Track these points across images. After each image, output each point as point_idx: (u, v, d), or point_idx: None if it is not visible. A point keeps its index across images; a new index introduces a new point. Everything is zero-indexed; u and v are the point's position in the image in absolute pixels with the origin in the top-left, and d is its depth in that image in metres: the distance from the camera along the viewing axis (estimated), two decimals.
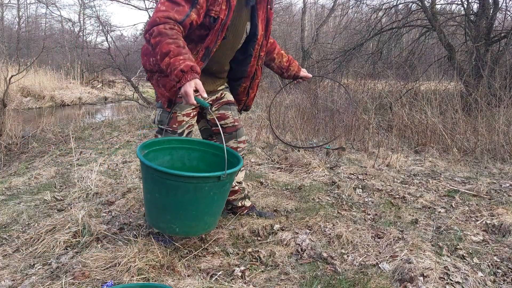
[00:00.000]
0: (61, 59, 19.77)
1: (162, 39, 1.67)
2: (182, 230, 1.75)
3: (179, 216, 1.72)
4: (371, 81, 7.66)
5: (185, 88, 1.63)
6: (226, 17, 1.80)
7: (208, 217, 1.77)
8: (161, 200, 1.71)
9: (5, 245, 2.06)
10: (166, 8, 1.70)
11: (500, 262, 1.87)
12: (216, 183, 1.68)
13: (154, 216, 1.79)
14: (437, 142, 4.58)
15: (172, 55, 1.64)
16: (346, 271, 1.79)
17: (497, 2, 7.11)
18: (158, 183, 1.69)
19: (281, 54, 2.29)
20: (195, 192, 1.66)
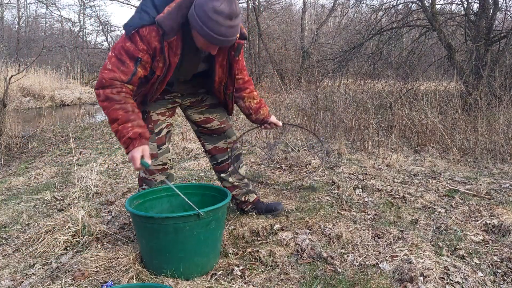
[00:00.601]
0: (61, 59, 19.77)
1: (109, 105, 1.66)
2: (173, 273, 1.68)
3: (166, 259, 1.68)
4: (371, 81, 7.67)
5: (132, 154, 1.64)
6: (163, 74, 1.76)
7: (198, 258, 1.70)
8: (147, 244, 1.70)
9: (5, 245, 2.06)
10: (112, 67, 1.68)
11: (500, 262, 1.87)
12: (198, 222, 1.63)
13: (147, 260, 1.75)
14: (437, 142, 4.58)
15: (120, 122, 1.65)
16: (346, 271, 1.79)
17: (497, 2, 7.12)
18: (141, 228, 1.69)
19: (253, 96, 2.15)
20: (176, 233, 1.62)
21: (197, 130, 2.25)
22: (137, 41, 1.66)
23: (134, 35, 1.65)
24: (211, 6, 1.53)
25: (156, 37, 1.65)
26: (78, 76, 16.96)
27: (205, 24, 1.56)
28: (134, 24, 1.65)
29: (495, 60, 7.02)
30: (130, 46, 1.66)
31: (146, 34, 1.65)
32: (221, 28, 1.57)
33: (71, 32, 25.13)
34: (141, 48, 1.66)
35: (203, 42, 1.67)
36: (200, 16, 1.57)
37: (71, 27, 25.57)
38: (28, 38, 22.59)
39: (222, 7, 1.53)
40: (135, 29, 1.65)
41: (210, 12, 1.54)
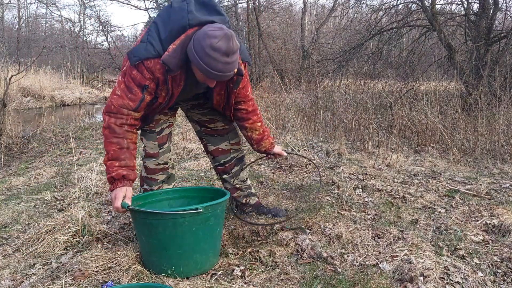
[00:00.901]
0: (61, 59, 19.78)
1: (108, 135, 1.72)
2: (172, 270, 1.68)
3: (165, 255, 1.68)
4: (371, 81, 7.68)
5: (114, 193, 1.67)
6: (165, 102, 1.82)
7: (197, 256, 1.70)
8: (146, 241, 1.70)
9: (5, 245, 2.06)
10: (121, 93, 1.72)
11: (500, 262, 1.87)
12: (196, 218, 1.63)
13: (146, 258, 1.76)
14: (437, 142, 4.58)
15: (110, 157, 1.71)
16: (346, 271, 1.79)
17: (497, 2, 7.12)
18: (141, 224, 1.70)
19: (255, 127, 2.12)
20: (175, 228, 1.63)
21: (199, 131, 2.24)
22: (143, 71, 1.69)
23: (140, 66, 1.68)
24: (208, 42, 1.55)
25: (160, 70, 1.68)
26: (78, 76, 16.97)
27: (202, 59, 1.58)
28: (139, 55, 1.67)
29: (495, 60, 7.02)
30: (136, 74, 1.70)
31: (151, 66, 1.67)
32: (218, 64, 1.58)
33: (71, 32, 25.14)
34: (148, 77, 1.69)
35: (201, 76, 1.70)
36: (198, 51, 1.59)
37: (71, 27, 25.60)
38: (28, 38, 22.60)
39: (219, 44, 1.55)
40: (140, 60, 1.67)
41: (208, 48, 1.56)
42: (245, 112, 2.07)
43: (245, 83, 1.98)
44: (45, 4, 20.94)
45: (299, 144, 4.01)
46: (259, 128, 2.12)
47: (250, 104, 2.07)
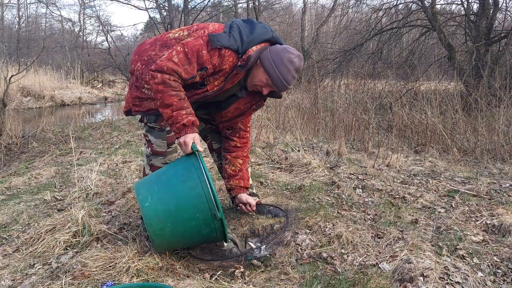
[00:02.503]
0: (61, 59, 19.78)
1: (165, 89, 1.72)
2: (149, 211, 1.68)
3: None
4: (371, 81, 7.68)
5: (185, 139, 1.73)
6: (212, 92, 1.87)
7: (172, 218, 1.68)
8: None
9: (5, 245, 2.06)
10: (178, 61, 1.74)
11: (500, 262, 1.87)
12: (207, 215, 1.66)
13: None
14: (437, 142, 4.58)
15: (174, 108, 1.72)
16: (346, 271, 1.79)
17: (497, 2, 7.12)
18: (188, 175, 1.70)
19: (234, 163, 2.16)
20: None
21: (204, 128, 2.25)
22: (215, 55, 1.76)
23: (216, 50, 1.76)
24: (287, 55, 1.82)
25: (231, 62, 1.79)
26: (78, 76, 16.97)
27: (278, 67, 1.81)
28: (222, 42, 1.77)
29: (495, 60, 7.02)
30: (205, 54, 1.76)
31: (227, 55, 1.77)
32: (288, 75, 1.83)
33: (71, 32, 25.13)
34: (213, 63, 1.77)
35: (263, 81, 1.86)
36: (275, 59, 1.82)
37: (71, 27, 25.59)
38: (28, 38, 22.59)
39: (295, 59, 1.84)
40: (220, 46, 1.76)
41: (285, 59, 1.81)
42: (233, 145, 2.14)
43: (249, 115, 2.14)
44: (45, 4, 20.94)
45: (299, 144, 4.01)
46: (237, 165, 2.15)
47: (242, 141, 2.15)
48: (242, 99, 2.02)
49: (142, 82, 1.89)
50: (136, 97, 1.93)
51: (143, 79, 1.88)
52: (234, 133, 2.14)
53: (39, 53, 10.02)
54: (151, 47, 1.94)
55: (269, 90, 1.91)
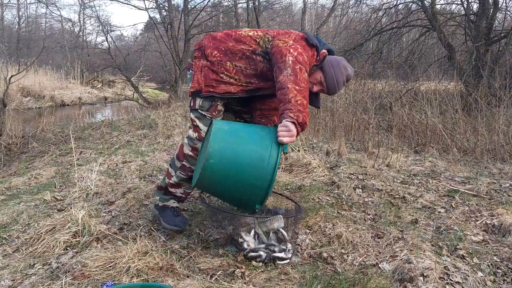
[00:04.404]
0: (61, 59, 19.77)
1: (305, 79, 1.83)
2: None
3: None
4: (371, 81, 7.67)
5: (294, 131, 1.72)
6: None
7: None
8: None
9: (5, 245, 2.06)
10: (301, 51, 1.88)
11: (500, 262, 1.87)
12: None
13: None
14: (437, 142, 4.58)
15: (306, 104, 1.80)
16: (346, 271, 1.79)
17: (497, 2, 7.12)
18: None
19: None
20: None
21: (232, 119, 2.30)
22: (309, 52, 1.94)
23: (314, 49, 1.96)
24: (343, 63, 2.07)
25: (312, 58, 1.97)
26: (78, 76, 16.97)
27: (334, 69, 2.02)
28: (315, 42, 1.97)
29: (495, 60, 7.02)
30: (309, 51, 1.94)
31: (312, 55, 1.96)
32: (341, 78, 2.04)
33: (71, 32, 25.14)
34: (311, 61, 1.97)
35: (317, 79, 2.04)
36: (333, 63, 2.03)
37: (71, 27, 25.59)
38: (28, 38, 22.59)
39: (348, 69, 2.08)
40: (313, 45, 1.96)
41: (342, 65, 2.05)
42: None
43: None
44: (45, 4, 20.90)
45: (299, 144, 4.01)
46: None
47: None
48: None
49: (221, 68, 1.98)
50: (213, 79, 2.00)
51: (222, 66, 1.98)
52: (267, 123, 2.21)
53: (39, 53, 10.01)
54: (227, 40, 2.03)
55: (319, 89, 2.06)
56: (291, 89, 1.76)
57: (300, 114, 1.73)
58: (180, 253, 1.91)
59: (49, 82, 13.42)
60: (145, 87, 17.17)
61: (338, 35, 11.87)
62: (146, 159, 3.87)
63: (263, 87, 2.01)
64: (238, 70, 1.98)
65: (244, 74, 1.99)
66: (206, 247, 1.98)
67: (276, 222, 1.91)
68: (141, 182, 3.12)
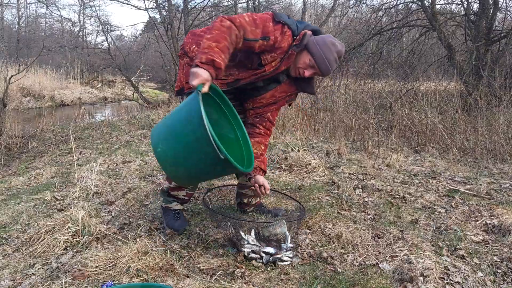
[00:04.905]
0: (61, 59, 19.75)
1: (226, 33, 1.73)
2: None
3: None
4: (371, 81, 7.67)
5: (200, 72, 1.65)
6: (269, 72, 1.93)
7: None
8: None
9: (5, 245, 2.06)
10: (249, 21, 1.81)
11: (500, 262, 1.87)
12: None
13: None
14: (437, 142, 4.58)
15: (221, 47, 1.70)
16: (346, 271, 1.79)
17: (497, 2, 7.11)
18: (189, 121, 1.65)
19: (256, 147, 2.13)
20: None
21: None
22: (278, 29, 1.86)
23: (279, 25, 1.87)
24: (330, 39, 1.95)
25: (288, 42, 1.88)
26: (78, 76, 16.96)
27: (321, 47, 1.91)
28: (285, 20, 1.88)
29: (495, 60, 7.02)
30: (271, 25, 1.85)
31: (287, 33, 1.88)
32: (330, 56, 1.92)
33: (71, 32, 25.11)
34: (276, 36, 1.86)
35: (307, 63, 1.93)
36: (319, 41, 1.92)
37: (71, 27, 25.57)
38: (28, 38, 22.58)
39: (337, 44, 1.95)
40: (284, 23, 1.87)
41: (329, 42, 1.93)
42: (258, 132, 2.15)
43: (279, 108, 2.19)
44: (45, 4, 20.89)
45: (299, 144, 4.01)
46: (260, 149, 2.14)
47: (266, 132, 2.17)
48: (280, 87, 2.05)
49: None
50: None
51: None
52: (261, 122, 2.15)
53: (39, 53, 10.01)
54: (205, 33, 1.95)
55: (312, 72, 1.95)
56: (203, 41, 1.72)
57: (203, 56, 1.66)
58: (180, 253, 1.91)
59: (49, 82, 13.42)
60: (145, 87, 17.16)
61: (338, 35, 11.86)
62: (146, 159, 3.86)
63: (242, 77, 1.97)
64: None
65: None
66: (206, 247, 1.98)
67: (279, 227, 1.91)
68: (141, 182, 3.11)
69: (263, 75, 1.94)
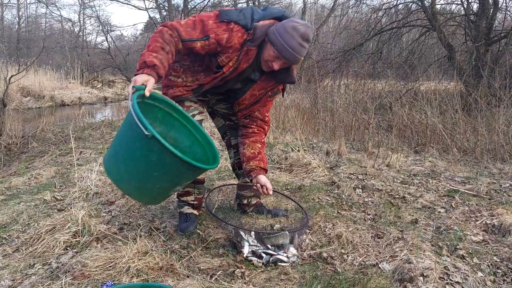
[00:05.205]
0: (61, 59, 19.75)
1: (157, 36, 1.76)
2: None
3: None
4: (371, 81, 7.68)
5: (137, 78, 1.66)
6: (229, 73, 1.88)
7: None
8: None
9: (5, 245, 2.06)
10: (184, 24, 1.80)
11: (500, 262, 1.87)
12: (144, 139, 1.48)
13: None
14: (437, 142, 4.58)
15: (150, 49, 1.73)
16: (346, 271, 1.79)
17: (497, 2, 7.12)
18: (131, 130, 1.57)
19: (253, 146, 2.10)
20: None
21: (223, 125, 2.26)
22: (222, 28, 1.79)
23: (224, 23, 1.80)
24: (291, 24, 1.79)
25: (240, 38, 1.81)
26: (78, 76, 16.94)
27: (281, 36, 1.78)
28: (231, 16, 1.81)
29: (495, 60, 7.02)
30: (211, 24, 1.80)
31: (235, 30, 1.80)
32: (293, 42, 1.77)
33: (71, 32, 25.11)
34: (218, 34, 1.79)
35: (272, 55, 1.81)
36: (279, 29, 1.79)
37: (71, 27, 25.56)
38: (28, 38, 22.57)
39: (299, 27, 1.78)
40: (228, 20, 1.80)
41: (289, 28, 1.78)
42: (251, 131, 2.11)
43: (271, 104, 2.12)
44: (45, 4, 20.89)
45: (299, 144, 4.01)
46: (257, 148, 2.11)
47: (260, 129, 2.13)
48: (256, 85, 2.00)
49: (169, 70, 1.98)
50: (165, 85, 2.01)
51: (170, 68, 1.97)
52: (252, 122, 2.12)
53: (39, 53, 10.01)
54: None
55: (280, 63, 1.83)
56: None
57: (137, 65, 1.71)
58: (180, 253, 1.91)
59: (49, 82, 13.40)
60: None
61: (338, 35, 11.87)
62: None
63: (205, 81, 1.94)
64: (186, 68, 1.95)
65: (192, 71, 1.94)
66: (206, 247, 1.98)
67: (281, 239, 1.91)
68: None
69: (224, 77, 1.90)
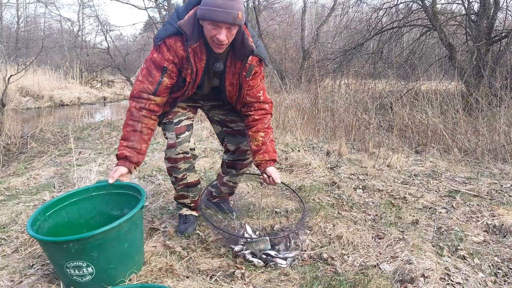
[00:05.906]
0: (60, 58, 19.76)
1: (127, 117, 1.88)
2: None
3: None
4: (371, 81, 7.66)
5: (114, 169, 1.83)
6: (192, 80, 1.90)
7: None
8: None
9: (4, 246, 2.05)
10: (142, 78, 1.86)
11: (501, 262, 1.86)
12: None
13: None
14: (438, 142, 4.57)
15: (122, 137, 1.86)
16: (346, 272, 1.78)
17: (498, 2, 7.10)
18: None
19: (256, 137, 2.05)
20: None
21: (221, 131, 2.25)
22: (164, 51, 1.81)
23: (161, 46, 1.81)
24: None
25: (181, 46, 1.80)
26: (77, 76, 16.93)
27: (204, 4, 1.70)
28: (160, 36, 1.81)
29: (496, 60, 7.01)
30: (157, 56, 1.83)
31: (172, 44, 1.80)
32: (214, 2, 1.68)
33: (70, 32, 25.10)
34: (167, 58, 1.81)
35: (210, 28, 1.73)
36: (202, 4, 1.73)
37: (70, 27, 25.55)
38: (27, 37, 22.56)
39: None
40: (161, 40, 1.80)
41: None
42: (252, 120, 2.06)
43: (257, 82, 2.03)
44: (44, 3, 20.86)
45: (299, 144, 4.00)
46: (260, 139, 2.06)
47: (259, 113, 2.06)
48: (227, 74, 1.95)
49: None
50: None
51: None
52: (249, 108, 2.07)
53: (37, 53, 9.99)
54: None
55: (221, 31, 1.71)
56: None
57: (117, 150, 1.85)
58: (179, 253, 1.90)
59: (48, 82, 13.38)
60: None
61: (338, 35, 11.87)
62: (145, 159, 3.85)
63: (177, 95, 1.98)
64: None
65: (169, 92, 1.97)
66: (206, 248, 1.97)
67: (262, 244, 1.93)
68: (140, 182, 3.11)
69: (192, 85, 1.91)
